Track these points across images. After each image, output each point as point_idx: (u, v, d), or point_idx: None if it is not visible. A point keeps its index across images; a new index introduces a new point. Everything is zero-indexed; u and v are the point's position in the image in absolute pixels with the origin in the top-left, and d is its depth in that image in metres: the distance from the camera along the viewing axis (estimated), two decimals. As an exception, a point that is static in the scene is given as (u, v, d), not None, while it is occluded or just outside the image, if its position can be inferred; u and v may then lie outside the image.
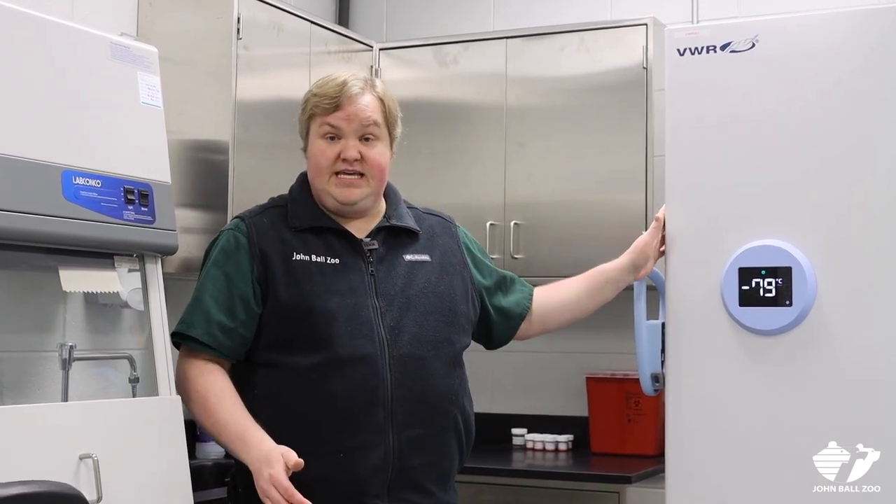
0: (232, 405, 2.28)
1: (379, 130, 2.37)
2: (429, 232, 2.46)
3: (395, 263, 2.37)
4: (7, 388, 2.94)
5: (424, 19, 4.48)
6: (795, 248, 2.54)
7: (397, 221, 2.41)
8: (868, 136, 2.52)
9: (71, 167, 2.39)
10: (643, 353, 2.71)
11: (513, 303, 2.57)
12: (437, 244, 2.45)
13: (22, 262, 2.66)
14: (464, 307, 2.43)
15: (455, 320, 2.39)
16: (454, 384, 2.36)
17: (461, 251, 2.50)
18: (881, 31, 2.53)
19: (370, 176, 2.36)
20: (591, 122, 3.84)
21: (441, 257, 2.43)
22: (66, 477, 2.22)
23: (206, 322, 2.30)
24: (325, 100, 2.35)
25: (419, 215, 2.49)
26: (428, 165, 3.97)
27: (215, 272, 2.33)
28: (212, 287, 2.32)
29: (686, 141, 2.68)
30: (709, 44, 2.65)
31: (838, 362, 2.52)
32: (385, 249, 2.38)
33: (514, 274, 2.65)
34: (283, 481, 2.14)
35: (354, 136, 2.34)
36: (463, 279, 2.45)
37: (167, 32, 3.45)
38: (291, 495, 2.13)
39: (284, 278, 2.30)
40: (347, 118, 2.34)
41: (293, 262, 2.32)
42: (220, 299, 2.30)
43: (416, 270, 2.38)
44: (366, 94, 2.36)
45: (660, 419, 3.56)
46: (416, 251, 2.41)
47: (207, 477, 3.44)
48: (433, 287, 2.38)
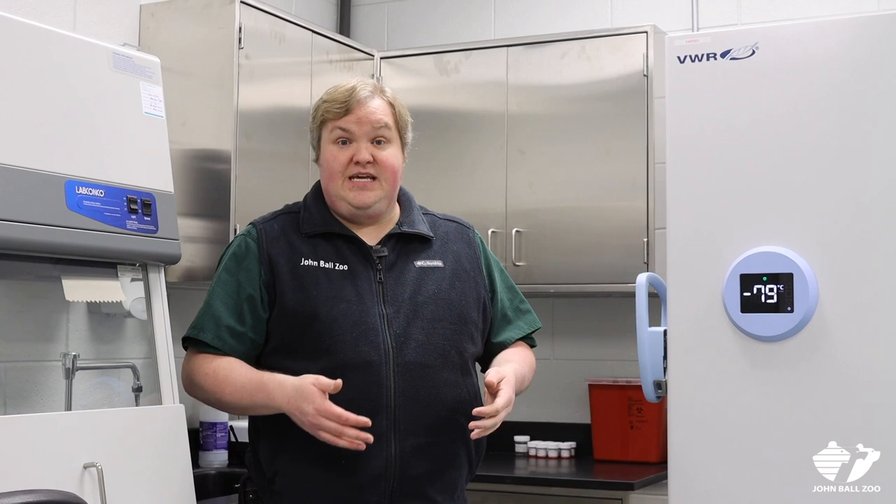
0: (244, 369, 2.27)
1: (390, 133, 2.38)
2: (443, 238, 2.45)
3: (405, 270, 2.37)
4: (11, 397, 2.94)
5: (425, 28, 4.49)
6: (796, 255, 2.55)
7: (409, 228, 2.41)
8: (868, 142, 2.53)
9: (74, 177, 2.40)
10: (645, 360, 2.71)
11: (503, 338, 2.49)
12: (451, 250, 2.44)
13: (25, 272, 2.67)
14: (475, 315, 2.41)
15: (465, 328, 2.38)
16: (462, 393, 2.35)
17: (477, 257, 2.48)
18: (880, 39, 2.54)
19: (383, 178, 2.36)
20: (592, 130, 3.85)
21: (454, 263, 2.42)
22: (70, 486, 2.22)
23: (216, 326, 2.31)
24: (335, 105, 2.36)
25: (435, 221, 2.48)
26: (429, 173, 3.98)
27: (226, 277, 2.35)
28: (222, 292, 2.33)
29: (687, 148, 2.69)
30: (709, 51, 2.66)
31: (840, 368, 2.52)
32: (395, 256, 2.37)
33: (528, 306, 2.56)
34: (332, 409, 2.12)
35: (366, 138, 2.35)
36: (476, 285, 2.43)
37: (169, 43, 3.46)
38: (347, 419, 2.13)
39: (292, 283, 2.31)
40: (358, 121, 2.35)
41: (301, 267, 2.32)
42: (229, 304, 2.31)
43: (427, 277, 2.37)
44: (376, 98, 2.38)
45: (662, 426, 3.56)
46: (428, 257, 2.41)
47: (211, 485, 3.44)
48: (444, 293, 2.37)
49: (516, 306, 2.52)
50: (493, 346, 2.47)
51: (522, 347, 2.50)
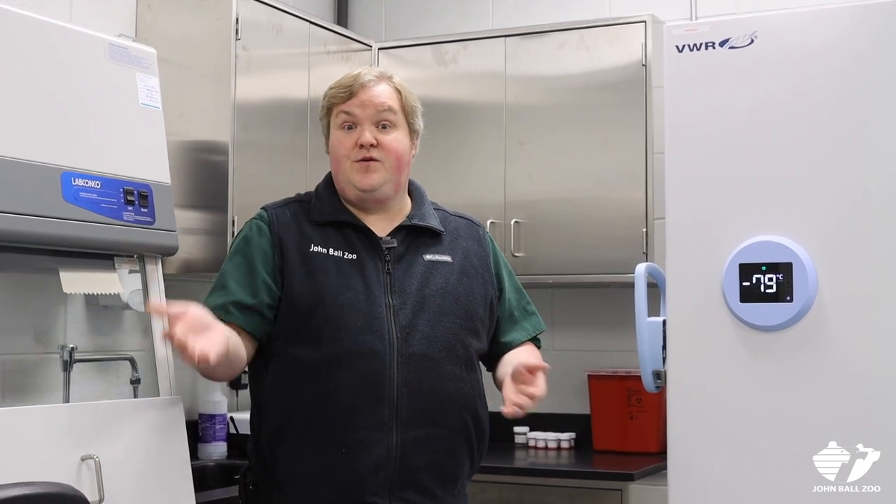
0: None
1: (395, 117, 2.38)
2: (453, 233, 2.46)
3: (414, 262, 2.37)
4: (9, 389, 2.94)
5: (423, 18, 4.48)
6: (796, 244, 2.55)
7: (419, 221, 2.41)
8: (867, 130, 2.52)
9: (70, 168, 2.39)
10: (644, 350, 2.71)
11: (510, 338, 2.49)
12: (461, 246, 2.44)
13: (22, 265, 2.67)
14: (481, 311, 2.41)
15: (471, 323, 2.38)
16: (466, 387, 2.35)
17: (486, 255, 2.47)
18: (879, 26, 2.53)
19: (386, 162, 2.36)
20: (591, 120, 3.84)
21: (463, 259, 2.42)
22: (68, 478, 2.22)
23: (223, 300, 2.28)
24: (340, 90, 2.38)
25: (445, 216, 2.49)
26: (428, 164, 3.94)
27: (238, 258, 2.34)
28: (235, 272, 2.31)
29: (686, 137, 2.68)
30: (707, 40, 2.66)
31: (839, 357, 2.52)
32: (405, 248, 2.37)
33: (534, 308, 2.54)
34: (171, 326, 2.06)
35: (370, 121, 2.36)
36: (484, 282, 2.43)
37: (166, 34, 3.45)
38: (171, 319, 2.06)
39: (300, 269, 2.31)
40: (362, 104, 2.36)
41: (310, 253, 2.32)
42: (242, 282, 2.29)
43: (435, 270, 2.37)
44: (381, 84, 2.39)
45: (662, 416, 3.56)
46: (437, 251, 2.41)
47: (210, 477, 3.44)
48: (451, 288, 2.37)
49: (523, 307, 2.52)
50: (499, 346, 2.47)
51: (532, 348, 2.50)
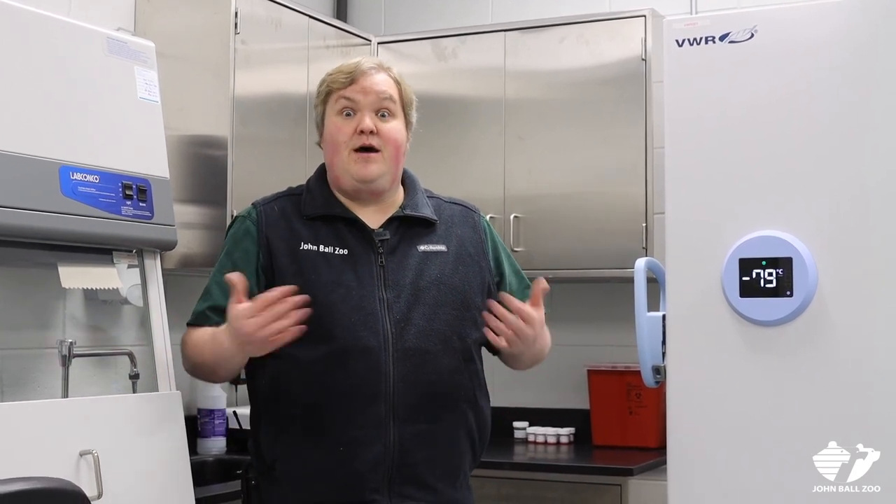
0: (205, 331, 2.29)
1: (394, 107, 2.37)
2: (448, 221, 2.43)
3: (408, 254, 2.35)
4: (7, 384, 2.94)
5: (422, 13, 4.47)
6: (796, 238, 2.54)
7: (412, 211, 2.39)
8: (867, 125, 2.52)
9: (68, 163, 2.39)
10: (644, 345, 2.70)
11: None
12: (455, 234, 2.42)
13: (21, 259, 2.66)
14: (479, 299, 2.38)
15: (468, 313, 2.35)
16: (464, 379, 2.33)
17: (482, 241, 2.45)
18: (879, 20, 2.53)
19: (385, 151, 2.35)
20: (591, 115, 3.84)
21: (458, 248, 2.40)
22: (67, 473, 2.21)
23: (203, 305, 2.33)
24: (340, 75, 2.37)
25: (440, 204, 2.46)
26: (427, 159, 3.95)
27: (224, 261, 2.36)
28: (218, 275, 2.33)
29: (685, 132, 2.68)
30: (707, 34, 2.65)
31: (839, 352, 2.51)
32: (398, 240, 2.36)
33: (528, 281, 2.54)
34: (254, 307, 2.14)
35: (370, 108, 2.35)
36: (480, 269, 2.41)
37: (165, 28, 3.44)
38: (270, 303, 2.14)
39: (290, 268, 2.30)
40: (363, 90, 2.35)
41: (300, 251, 2.31)
42: (224, 285, 2.30)
43: (430, 261, 2.36)
44: (381, 73, 2.39)
45: (661, 411, 3.55)
46: (431, 241, 2.39)
47: (209, 473, 3.44)
48: (447, 278, 2.35)
49: (524, 290, 2.50)
50: None
51: None
